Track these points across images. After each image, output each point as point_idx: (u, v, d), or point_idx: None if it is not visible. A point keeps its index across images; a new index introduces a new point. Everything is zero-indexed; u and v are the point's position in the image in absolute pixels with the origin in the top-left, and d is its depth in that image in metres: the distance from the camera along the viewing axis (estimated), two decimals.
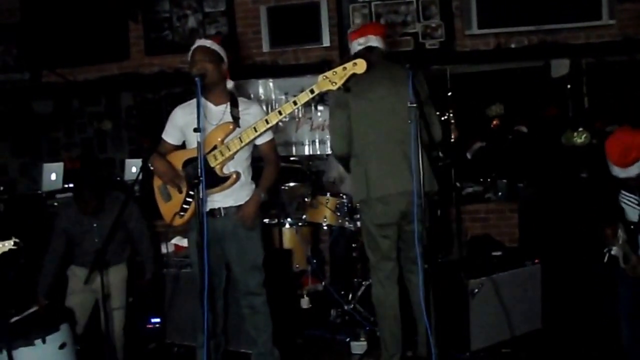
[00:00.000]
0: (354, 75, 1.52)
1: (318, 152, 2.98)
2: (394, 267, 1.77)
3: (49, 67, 3.05)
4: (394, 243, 1.76)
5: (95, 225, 2.05)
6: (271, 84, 3.01)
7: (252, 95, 3.01)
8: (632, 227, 1.52)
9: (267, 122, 1.58)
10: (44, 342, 1.67)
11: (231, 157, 1.63)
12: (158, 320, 2.28)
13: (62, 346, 1.72)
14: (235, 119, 1.64)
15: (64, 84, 3.05)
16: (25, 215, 2.71)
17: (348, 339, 2.15)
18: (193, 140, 1.66)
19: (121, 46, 3.02)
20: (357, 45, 1.79)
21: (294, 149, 3.00)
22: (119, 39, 3.02)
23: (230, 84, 1.71)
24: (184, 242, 2.29)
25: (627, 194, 1.53)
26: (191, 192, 1.64)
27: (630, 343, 1.64)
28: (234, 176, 1.63)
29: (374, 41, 1.78)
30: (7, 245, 1.41)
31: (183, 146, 1.73)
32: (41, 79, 3.10)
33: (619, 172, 1.46)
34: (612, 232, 1.59)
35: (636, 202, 1.51)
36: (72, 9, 3.00)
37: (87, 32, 3.00)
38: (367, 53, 1.76)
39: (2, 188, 2.95)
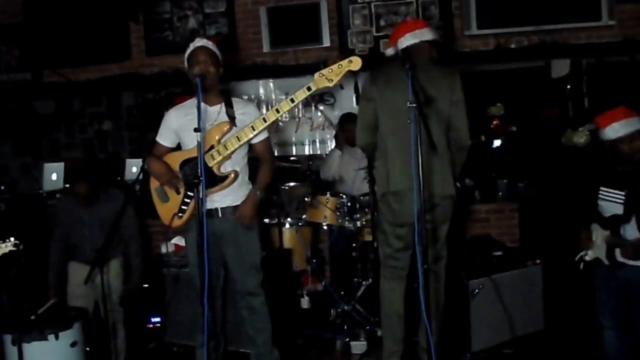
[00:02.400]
0: (349, 72, 1.53)
1: (318, 152, 2.98)
2: (403, 266, 1.77)
3: (51, 67, 3.06)
4: (407, 243, 1.75)
5: (86, 217, 2.06)
6: (271, 84, 3.02)
7: (252, 96, 3.01)
8: (615, 219, 1.52)
9: (265, 121, 1.59)
10: (56, 338, 1.69)
11: (228, 157, 1.63)
12: (158, 319, 2.29)
13: (73, 344, 1.73)
14: (232, 119, 1.64)
15: (65, 84, 3.07)
16: (26, 215, 2.71)
17: (348, 339, 2.15)
18: (189, 141, 1.67)
19: (122, 46, 3.04)
20: (405, 41, 1.73)
21: (294, 148, 3.00)
22: (120, 39, 3.03)
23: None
24: (184, 242, 2.29)
25: (608, 190, 1.55)
26: (189, 193, 1.64)
27: (615, 349, 1.62)
28: (232, 175, 1.63)
29: (409, 39, 1.72)
30: (7, 246, 1.42)
31: (177, 148, 1.73)
32: (43, 79, 3.11)
33: (619, 128, 1.51)
34: (586, 235, 1.60)
35: (618, 197, 1.52)
36: (74, 10, 3.01)
37: (88, 33, 3.01)
38: (404, 55, 1.72)
39: (3, 188, 2.96)
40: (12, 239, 1.43)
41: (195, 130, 1.46)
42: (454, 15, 2.82)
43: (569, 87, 2.86)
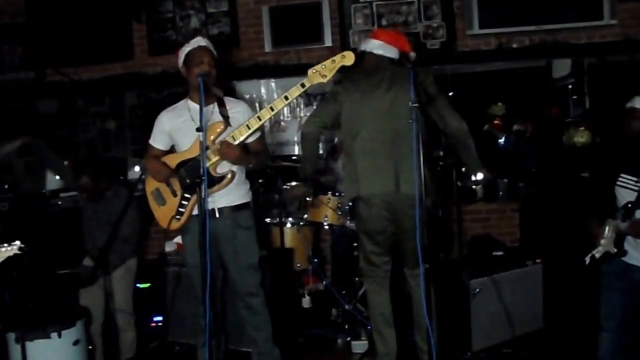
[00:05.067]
0: (343, 67, 1.54)
1: (320, 151, 2.98)
2: (382, 270, 1.78)
3: (54, 66, 3.07)
4: (382, 249, 1.77)
5: (90, 213, 2.08)
6: (273, 84, 3.02)
7: (254, 95, 3.02)
8: (629, 205, 1.49)
9: (260, 119, 1.58)
10: (59, 336, 1.70)
11: None
12: (160, 318, 2.30)
13: (76, 342, 1.75)
14: (225, 118, 1.63)
15: (68, 84, 3.07)
16: (29, 214, 2.73)
17: (349, 338, 2.16)
18: (183, 143, 1.67)
19: (125, 46, 3.04)
20: (370, 46, 1.78)
21: (295, 148, 3.00)
22: (123, 38, 3.04)
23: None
24: None
25: (627, 176, 1.53)
26: (186, 195, 1.64)
27: (611, 353, 1.60)
28: (229, 175, 1.63)
29: (393, 52, 1.76)
30: (13, 249, 1.43)
31: (171, 151, 1.73)
32: (45, 78, 3.12)
33: (634, 100, 1.54)
34: (599, 226, 1.56)
35: (634, 182, 1.50)
36: (77, 10, 3.02)
37: (91, 32, 3.02)
38: (381, 57, 1.76)
39: (6, 187, 2.98)
40: (17, 242, 1.43)
41: (198, 129, 1.46)
42: (456, 14, 2.82)
43: (570, 86, 2.86)
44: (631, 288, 1.57)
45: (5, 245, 1.41)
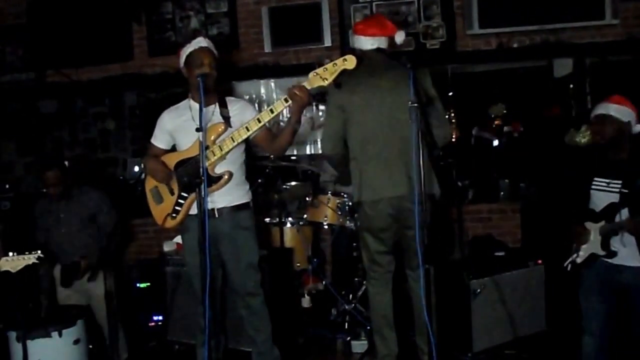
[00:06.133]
0: (344, 71, 1.52)
1: (319, 152, 2.98)
2: (385, 271, 1.78)
3: (54, 67, 3.08)
4: (387, 248, 1.76)
5: (62, 215, 2.05)
6: (273, 84, 3.02)
7: (254, 96, 3.02)
8: (613, 206, 1.50)
9: (260, 121, 1.58)
10: (60, 335, 1.71)
11: (223, 157, 1.62)
12: (160, 318, 2.30)
13: (76, 341, 1.76)
14: (226, 119, 1.63)
15: (68, 84, 3.09)
16: (29, 213, 2.74)
17: (349, 338, 2.15)
18: (184, 142, 1.68)
19: (125, 47, 3.06)
20: (365, 43, 1.76)
21: (295, 148, 3.00)
22: (123, 39, 3.05)
23: None
24: None
25: (603, 179, 1.55)
26: (183, 194, 1.64)
27: (591, 357, 1.58)
28: (227, 176, 1.63)
29: (383, 42, 1.76)
30: (31, 258, 1.45)
31: (172, 150, 1.73)
32: (46, 79, 3.14)
33: (601, 107, 1.58)
34: (581, 230, 1.58)
35: (613, 186, 1.51)
36: (77, 11, 3.04)
37: (91, 33, 3.03)
38: (374, 53, 1.75)
39: (7, 186, 2.99)
40: (38, 252, 1.46)
41: (197, 130, 1.47)
42: (456, 14, 2.81)
43: (571, 86, 2.85)
44: (614, 289, 1.55)
45: (26, 253, 1.44)
